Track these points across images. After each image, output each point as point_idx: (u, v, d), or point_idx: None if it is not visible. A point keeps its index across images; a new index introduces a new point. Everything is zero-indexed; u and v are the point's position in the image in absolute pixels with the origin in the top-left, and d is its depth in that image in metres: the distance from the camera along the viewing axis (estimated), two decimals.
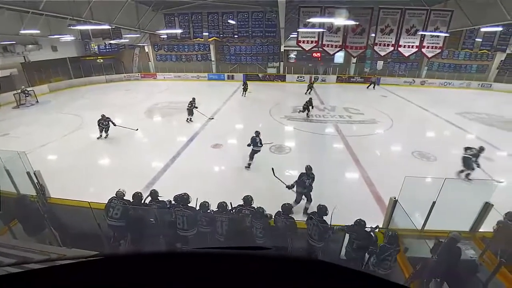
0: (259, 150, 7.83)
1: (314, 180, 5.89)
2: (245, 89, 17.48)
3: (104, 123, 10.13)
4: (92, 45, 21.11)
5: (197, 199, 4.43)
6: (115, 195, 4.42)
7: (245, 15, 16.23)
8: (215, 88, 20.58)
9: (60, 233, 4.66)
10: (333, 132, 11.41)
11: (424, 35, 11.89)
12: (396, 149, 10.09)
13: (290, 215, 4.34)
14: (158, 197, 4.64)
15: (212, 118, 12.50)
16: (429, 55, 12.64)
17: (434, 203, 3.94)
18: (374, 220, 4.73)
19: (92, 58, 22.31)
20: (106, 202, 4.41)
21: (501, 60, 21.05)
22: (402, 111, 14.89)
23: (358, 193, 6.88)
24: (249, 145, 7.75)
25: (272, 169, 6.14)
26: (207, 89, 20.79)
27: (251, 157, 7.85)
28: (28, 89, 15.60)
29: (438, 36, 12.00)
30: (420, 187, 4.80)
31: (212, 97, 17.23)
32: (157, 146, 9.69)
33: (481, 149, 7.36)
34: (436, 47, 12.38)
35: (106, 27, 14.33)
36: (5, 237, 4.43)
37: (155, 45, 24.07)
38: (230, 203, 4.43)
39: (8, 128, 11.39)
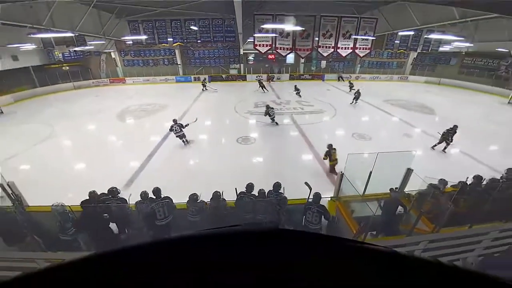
0: None
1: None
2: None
3: (177, 129, 8.51)
4: (55, 53, 18.66)
5: (200, 194, 4.21)
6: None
7: (206, 22, 15.66)
8: (183, 90, 19.79)
9: (43, 239, 4.19)
10: (290, 122, 11.74)
11: (357, 38, 12.63)
12: (340, 133, 10.72)
13: (280, 192, 4.30)
14: (118, 195, 4.31)
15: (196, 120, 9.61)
16: (361, 54, 13.47)
17: (370, 172, 4.26)
18: (329, 190, 5.06)
19: (57, 66, 19.77)
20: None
21: (414, 58, 23.43)
22: (343, 101, 15.71)
23: (313, 170, 7.24)
24: None
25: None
26: (176, 91, 19.91)
27: None
28: None
29: (367, 39, 12.84)
30: (360, 161, 5.21)
31: (181, 98, 16.57)
32: (132, 148, 9.04)
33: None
34: (366, 48, 13.24)
35: (69, 34, 12.76)
36: None
37: (122, 51, 22.15)
38: (235, 188, 4.30)
39: None
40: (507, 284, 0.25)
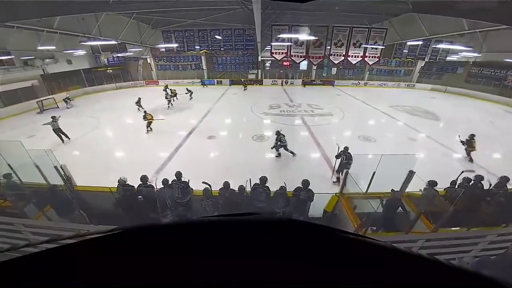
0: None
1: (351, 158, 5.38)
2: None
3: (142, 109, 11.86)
4: (102, 58, 19.67)
5: (250, 179, 4.33)
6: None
7: (229, 32, 15.73)
8: (208, 91, 20.03)
9: (88, 214, 4.50)
10: (300, 123, 11.57)
11: (366, 47, 12.16)
12: (347, 134, 10.42)
13: (309, 188, 4.22)
14: (147, 182, 4.47)
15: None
16: (370, 62, 12.99)
17: (374, 173, 4.13)
18: (333, 188, 4.96)
19: (102, 69, 20.80)
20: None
21: (421, 66, 22.02)
22: (351, 106, 15.23)
23: (320, 167, 7.11)
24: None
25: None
26: (201, 92, 20.24)
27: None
28: (52, 96, 15.15)
29: (376, 48, 12.32)
30: (364, 162, 5.04)
31: (205, 99, 16.79)
32: (162, 139, 9.33)
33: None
34: (375, 56, 12.72)
35: (113, 42, 13.38)
36: (41, 220, 4.22)
37: (156, 57, 22.76)
38: (249, 179, 4.30)
39: (34, 130, 10.45)
40: (502, 284, 0.24)
